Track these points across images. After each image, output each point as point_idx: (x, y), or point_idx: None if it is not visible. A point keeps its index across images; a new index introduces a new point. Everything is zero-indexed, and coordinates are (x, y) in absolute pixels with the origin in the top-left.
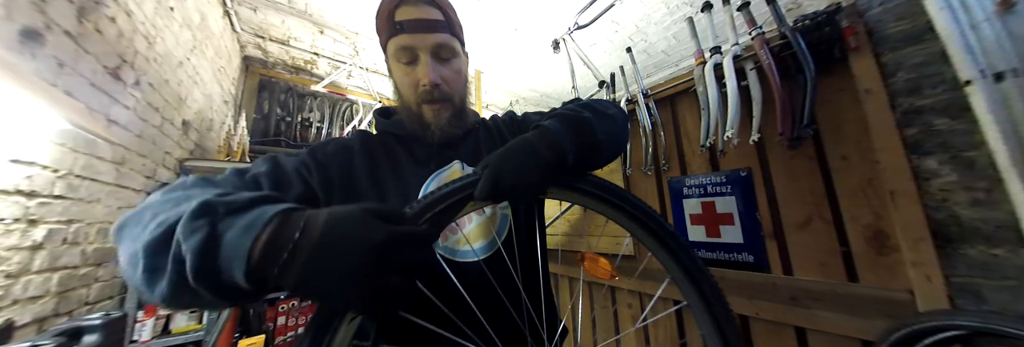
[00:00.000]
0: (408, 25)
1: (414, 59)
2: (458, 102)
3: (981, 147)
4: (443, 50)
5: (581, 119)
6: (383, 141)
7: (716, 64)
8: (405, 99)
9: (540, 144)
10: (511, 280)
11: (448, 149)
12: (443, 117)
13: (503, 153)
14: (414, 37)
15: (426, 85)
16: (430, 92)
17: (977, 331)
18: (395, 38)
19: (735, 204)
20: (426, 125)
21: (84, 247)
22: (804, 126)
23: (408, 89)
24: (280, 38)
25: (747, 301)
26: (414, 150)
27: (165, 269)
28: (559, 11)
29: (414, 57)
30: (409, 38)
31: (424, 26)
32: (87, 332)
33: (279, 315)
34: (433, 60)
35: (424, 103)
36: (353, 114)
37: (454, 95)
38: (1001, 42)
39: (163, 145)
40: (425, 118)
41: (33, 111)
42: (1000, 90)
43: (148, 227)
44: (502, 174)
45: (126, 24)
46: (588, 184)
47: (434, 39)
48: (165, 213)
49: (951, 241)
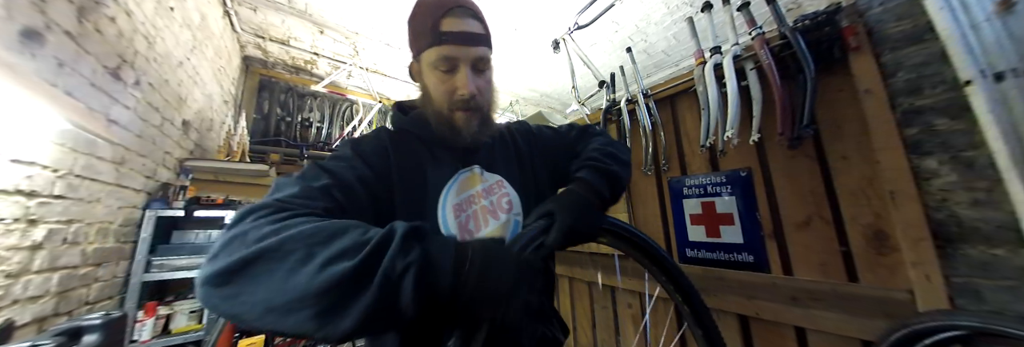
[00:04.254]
0: (453, 37)
1: (453, 69)
2: (487, 111)
3: (981, 147)
4: (481, 63)
5: (610, 172)
6: (407, 141)
7: (716, 64)
8: (436, 104)
9: (591, 197)
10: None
11: (469, 154)
12: (473, 124)
13: (567, 207)
14: (458, 49)
15: (464, 94)
16: (467, 101)
17: (977, 331)
18: (438, 47)
19: (735, 204)
20: (457, 130)
21: (84, 247)
22: (804, 126)
23: (442, 95)
24: (280, 38)
25: (747, 301)
26: (436, 152)
27: (366, 294)
28: (559, 11)
29: (454, 67)
30: (453, 49)
31: (468, 39)
32: (87, 332)
33: None
34: (471, 72)
35: (457, 110)
36: (353, 114)
37: (484, 104)
38: (1001, 42)
39: (163, 145)
40: (456, 124)
41: (33, 111)
42: (1000, 90)
43: (325, 267)
44: (575, 226)
45: (126, 24)
46: (617, 227)
47: (475, 52)
48: (331, 250)
49: (951, 241)
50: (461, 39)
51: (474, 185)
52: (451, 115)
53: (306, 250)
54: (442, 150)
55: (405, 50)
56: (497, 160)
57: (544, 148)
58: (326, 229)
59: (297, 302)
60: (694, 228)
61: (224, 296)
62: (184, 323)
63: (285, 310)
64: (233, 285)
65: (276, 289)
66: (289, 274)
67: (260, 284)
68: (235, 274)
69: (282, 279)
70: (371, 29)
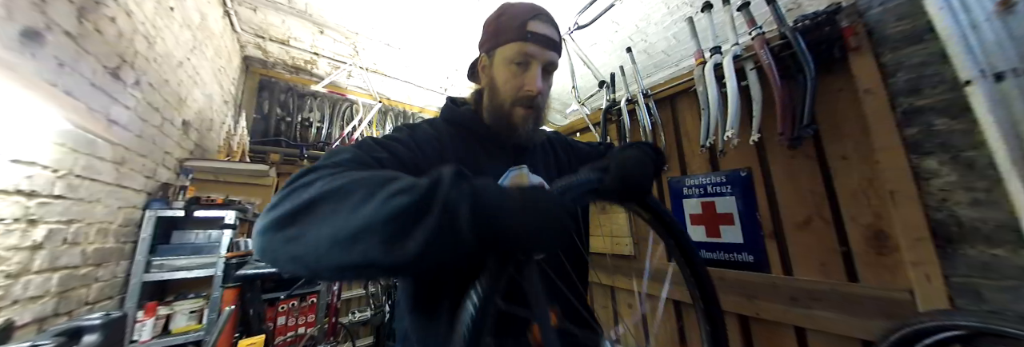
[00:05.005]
0: (538, 38)
1: (527, 66)
2: (541, 114)
3: (981, 147)
4: (550, 66)
5: (656, 147)
6: (458, 134)
7: (716, 64)
8: (501, 97)
9: (647, 157)
10: (560, 278)
11: (520, 154)
12: (529, 123)
13: (624, 159)
14: (539, 49)
15: (532, 91)
16: (533, 98)
17: (977, 331)
18: (521, 43)
19: (735, 204)
20: (514, 127)
21: (84, 247)
22: (804, 126)
23: (510, 90)
24: (280, 38)
25: (747, 301)
26: (488, 147)
27: (428, 222)
28: (559, 11)
29: (528, 65)
30: (534, 48)
31: (550, 43)
32: (87, 332)
33: (279, 315)
34: (541, 72)
35: (519, 106)
36: (353, 114)
37: (542, 106)
38: (1001, 42)
39: (163, 145)
40: (514, 119)
41: (33, 111)
42: (1000, 90)
43: (388, 201)
44: (629, 173)
45: (126, 24)
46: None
47: (550, 56)
48: (388, 189)
49: (951, 241)
50: (544, 41)
51: (523, 183)
52: (512, 110)
53: (367, 190)
54: (494, 147)
55: (405, 50)
56: (539, 165)
57: (580, 160)
58: (381, 174)
59: (364, 232)
60: (694, 228)
61: (287, 238)
62: (184, 323)
63: (352, 241)
64: (297, 226)
65: (341, 224)
66: (353, 209)
67: (325, 222)
68: (299, 215)
69: (347, 214)
70: (371, 29)
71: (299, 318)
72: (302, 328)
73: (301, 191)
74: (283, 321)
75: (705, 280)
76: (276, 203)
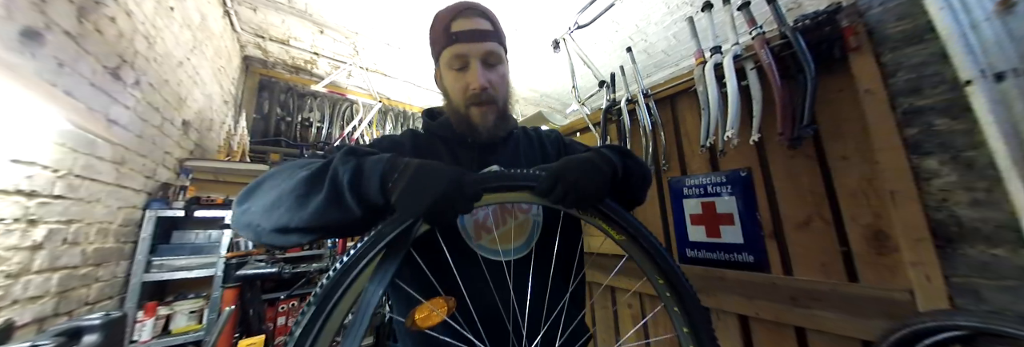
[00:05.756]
0: (462, 36)
1: (465, 66)
2: (502, 104)
3: (981, 147)
4: (491, 57)
5: (625, 150)
6: (429, 141)
7: (716, 64)
8: (454, 103)
9: (600, 161)
10: (539, 282)
11: (488, 153)
12: (489, 119)
13: (567, 161)
14: (467, 46)
15: (476, 88)
16: (479, 95)
17: (977, 331)
18: (450, 47)
19: (735, 204)
20: (474, 127)
21: (84, 247)
22: (804, 126)
23: (458, 93)
24: (280, 38)
25: (747, 301)
26: (456, 151)
27: (320, 192)
28: (559, 11)
29: (465, 64)
30: (463, 47)
31: (476, 36)
32: (87, 332)
33: (279, 315)
34: (482, 66)
35: (472, 105)
36: (353, 114)
37: (499, 98)
38: (1001, 42)
39: (163, 145)
40: (473, 120)
41: (33, 111)
42: (1000, 90)
43: (296, 175)
44: (566, 176)
45: (126, 24)
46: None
47: (484, 47)
48: (304, 169)
49: (951, 241)
50: (469, 37)
51: None
52: (467, 111)
53: (289, 172)
54: (463, 149)
55: (405, 50)
56: (521, 161)
57: None
58: (306, 160)
59: (278, 200)
60: (694, 228)
61: (243, 211)
62: (184, 323)
63: (273, 208)
64: (249, 201)
65: (270, 196)
66: (276, 186)
67: (262, 195)
68: (250, 193)
69: (271, 190)
70: (371, 29)
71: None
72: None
73: (259, 178)
74: (283, 321)
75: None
76: (243, 189)
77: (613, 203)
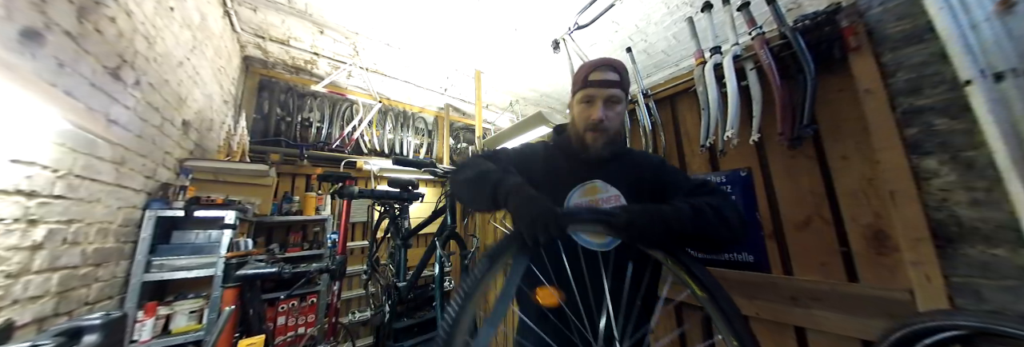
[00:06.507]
0: (594, 83)
1: (592, 102)
2: (613, 133)
3: (981, 147)
4: (612, 99)
5: (705, 215)
6: (554, 154)
7: (716, 64)
8: (577, 126)
9: (671, 218)
10: (620, 271)
11: (595, 168)
12: (599, 142)
13: (644, 208)
14: (597, 90)
15: (595, 119)
16: (596, 124)
17: (977, 331)
18: (584, 90)
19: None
20: (586, 146)
21: (84, 247)
22: (804, 126)
23: (582, 120)
24: (280, 38)
25: (747, 301)
26: (571, 163)
27: (482, 190)
28: (559, 11)
29: (592, 101)
30: (593, 90)
31: (604, 84)
32: (87, 332)
33: (279, 315)
34: (604, 105)
35: (589, 131)
36: (353, 114)
37: (610, 128)
38: (1001, 42)
39: (163, 145)
40: (586, 141)
41: (33, 111)
42: (1000, 90)
43: (478, 171)
44: (636, 221)
45: (126, 24)
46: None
47: (608, 92)
48: (480, 167)
49: (951, 241)
50: (599, 84)
51: (595, 193)
52: (584, 134)
53: (474, 168)
54: (576, 163)
55: (405, 50)
56: (622, 179)
57: (665, 181)
58: (487, 166)
59: (469, 191)
60: None
61: (453, 180)
62: (184, 323)
63: (469, 194)
64: (454, 175)
65: (463, 177)
66: (468, 182)
67: (463, 184)
68: (455, 173)
69: (467, 182)
70: (371, 29)
71: (299, 318)
72: (302, 328)
73: (461, 165)
74: (283, 321)
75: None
76: (455, 170)
77: (694, 258)
